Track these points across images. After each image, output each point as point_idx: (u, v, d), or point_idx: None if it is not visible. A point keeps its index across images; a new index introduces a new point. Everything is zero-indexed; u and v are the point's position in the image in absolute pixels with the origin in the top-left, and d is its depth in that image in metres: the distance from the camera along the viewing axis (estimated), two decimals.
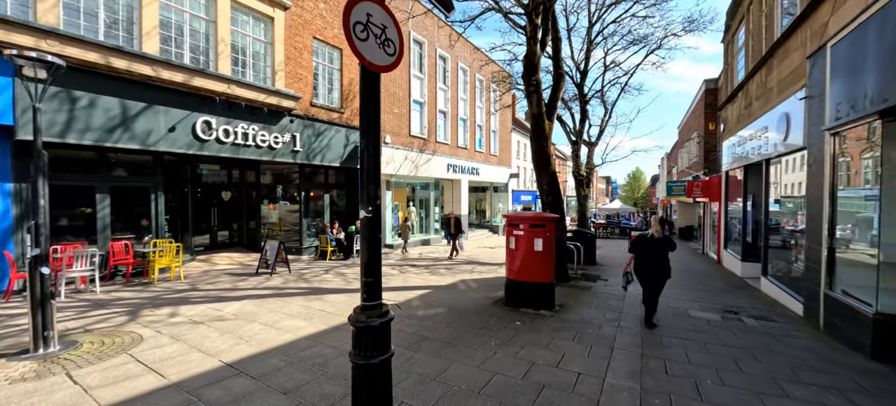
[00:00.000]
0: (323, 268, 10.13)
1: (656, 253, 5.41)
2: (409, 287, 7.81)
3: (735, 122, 10.74)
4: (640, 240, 5.63)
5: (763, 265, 8.29)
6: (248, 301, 6.32)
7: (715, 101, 15.91)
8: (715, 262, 13.04)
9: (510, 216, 6.31)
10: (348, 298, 6.62)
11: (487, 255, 13.95)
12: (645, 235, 5.62)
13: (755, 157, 8.82)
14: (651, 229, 5.60)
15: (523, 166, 31.14)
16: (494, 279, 8.92)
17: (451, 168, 18.88)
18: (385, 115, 14.56)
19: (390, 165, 14.87)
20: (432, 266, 10.93)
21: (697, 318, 5.94)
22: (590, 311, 6.15)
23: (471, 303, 6.50)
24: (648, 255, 5.45)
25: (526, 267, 6.08)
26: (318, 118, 11.89)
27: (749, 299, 7.41)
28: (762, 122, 8.21)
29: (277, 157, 10.76)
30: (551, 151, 8.73)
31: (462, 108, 20.12)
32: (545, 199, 8.61)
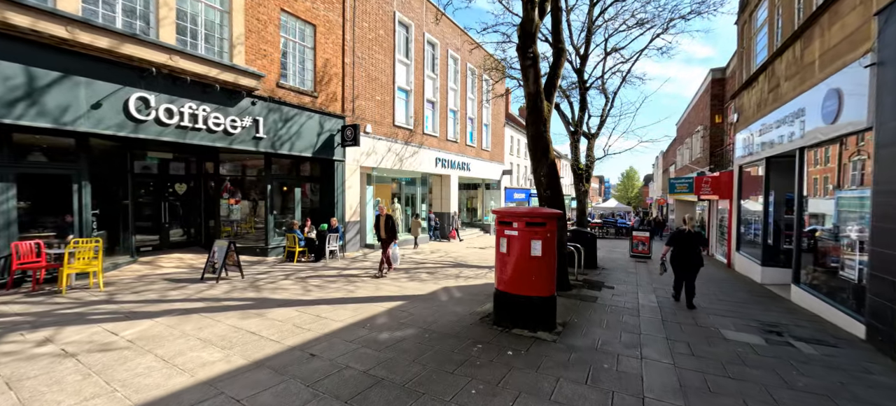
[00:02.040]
0: (286, 272, 8.74)
1: (691, 245, 6.41)
2: (380, 298, 6.47)
3: (754, 110, 9.59)
4: (676, 234, 6.68)
5: (795, 272, 7.12)
6: (165, 319, 4.93)
7: (722, 91, 14.83)
8: (725, 266, 11.92)
9: (501, 212, 5.01)
10: (297, 314, 5.26)
11: (477, 256, 12.66)
12: (682, 230, 6.65)
13: (783, 146, 7.65)
14: (686, 226, 6.69)
15: (517, 163, 29.94)
16: (483, 287, 7.62)
17: (440, 163, 17.56)
18: (366, 102, 13.18)
19: (371, 158, 13.49)
20: (413, 270, 9.60)
21: (736, 341, 4.70)
22: (600, 331, 4.88)
23: (451, 321, 5.18)
24: (684, 247, 6.43)
25: (520, 276, 4.79)
26: (287, 102, 10.47)
27: (785, 313, 6.22)
28: (796, 104, 7.03)
29: (236, 144, 9.32)
30: (550, 138, 7.47)
31: (452, 98, 18.80)
32: (542, 194, 7.34)
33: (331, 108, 11.84)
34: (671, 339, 4.68)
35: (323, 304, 5.85)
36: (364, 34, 13.02)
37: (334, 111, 11.93)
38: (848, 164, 5.77)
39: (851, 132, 5.31)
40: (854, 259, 5.48)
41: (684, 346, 4.44)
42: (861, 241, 5.25)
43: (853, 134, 5.33)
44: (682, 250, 6.42)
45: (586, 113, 12.83)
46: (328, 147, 11.74)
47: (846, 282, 5.72)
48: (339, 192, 12.25)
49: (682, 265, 6.41)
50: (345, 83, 12.29)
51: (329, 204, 12.28)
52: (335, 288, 7.18)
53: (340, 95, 12.21)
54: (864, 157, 5.34)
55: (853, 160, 5.66)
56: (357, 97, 12.77)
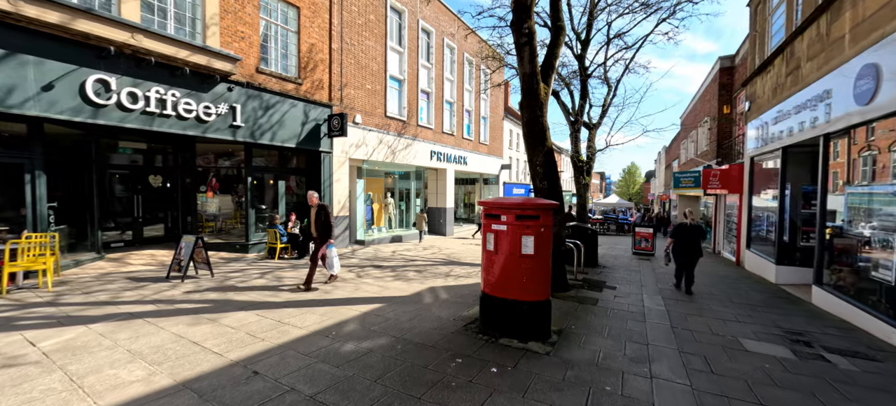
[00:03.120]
0: (262, 270, 8.11)
1: (691, 237, 7.08)
2: (356, 300, 5.83)
3: (769, 96, 8.88)
4: (679, 227, 7.27)
5: (817, 272, 6.45)
6: (102, 325, 4.30)
7: (731, 81, 14.10)
8: (733, 264, 11.26)
9: (488, 204, 4.36)
10: (257, 320, 4.63)
11: (472, 253, 12.02)
12: (683, 224, 7.27)
13: (803, 134, 6.96)
14: (687, 219, 7.40)
15: (517, 157, 29.26)
16: (473, 287, 6.98)
17: (436, 156, 16.89)
18: (355, 91, 12.50)
19: (362, 149, 12.83)
20: (401, 268, 8.96)
21: (759, 354, 4.05)
22: (602, 341, 4.23)
23: (430, 328, 4.54)
24: (685, 239, 7.10)
25: (509, 278, 4.13)
26: (268, 88, 9.80)
27: (808, 318, 5.56)
28: (820, 86, 6.34)
29: (210, 133, 8.67)
30: (547, 124, 6.79)
31: (448, 89, 18.09)
32: (538, 185, 6.68)
33: (317, 96, 11.17)
34: (684, 351, 4.03)
35: (290, 308, 5.22)
36: (353, 19, 12.32)
37: (321, 100, 11.25)
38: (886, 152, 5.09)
39: (892, 113, 4.63)
40: (891, 260, 4.82)
41: (700, 360, 3.79)
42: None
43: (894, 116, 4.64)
44: (683, 242, 7.15)
45: (587, 103, 12.12)
46: (314, 137, 11.08)
47: (879, 284, 5.06)
48: (326, 186, 11.60)
49: (684, 256, 7.14)
50: (332, 70, 11.61)
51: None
52: (311, 288, 6.55)
53: (327, 83, 11.53)
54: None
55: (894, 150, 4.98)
56: (346, 85, 12.09)
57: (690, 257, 7.06)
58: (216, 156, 10.82)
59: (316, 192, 6.76)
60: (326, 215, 6.64)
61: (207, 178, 10.69)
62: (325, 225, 6.65)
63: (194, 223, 10.41)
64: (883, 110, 4.74)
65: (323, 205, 6.76)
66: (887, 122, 4.90)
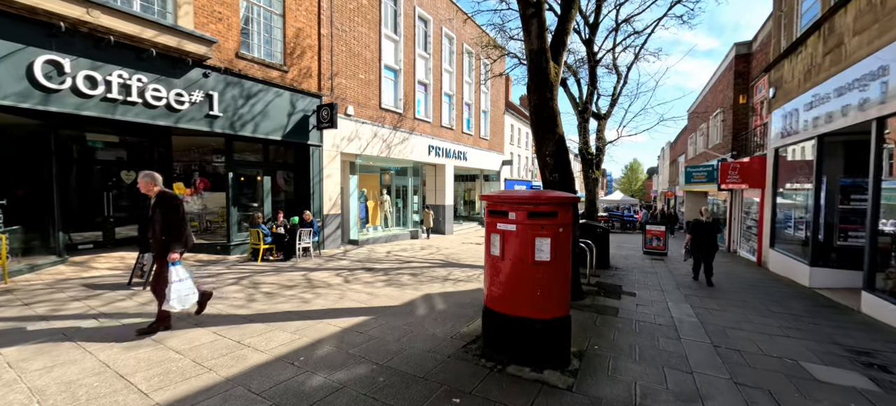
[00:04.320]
0: (240, 275, 7.31)
1: (708, 233, 7.56)
2: (339, 311, 5.02)
3: (800, 80, 8.04)
4: (696, 223, 7.77)
5: (868, 275, 5.63)
6: (21, 348, 3.50)
7: (748, 69, 13.24)
8: (754, 265, 10.45)
9: (493, 198, 3.54)
10: (212, 340, 3.82)
11: (472, 254, 11.22)
12: (699, 221, 7.75)
13: (849, 119, 6.12)
14: (703, 216, 7.83)
15: (518, 153, 28.42)
16: (474, 293, 6.17)
17: (434, 151, 16.07)
18: (347, 81, 11.67)
19: (354, 143, 12.01)
20: (395, 271, 8.15)
21: (833, 385, 3.24)
22: (634, 368, 3.42)
23: (422, 351, 3.73)
24: (702, 234, 7.58)
25: (520, 290, 3.32)
26: (250, 75, 8.97)
27: (868, 332, 4.75)
28: (872, 62, 5.51)
29: (184, 123, 7.85)
30: (558, 108, 5.97)
31: (447, 81, 17.25)
32: (548, 178, 5.86)
33: (304, 85, 10.34)
34: (740, 381, 3.22)
35: (257, 323, 4.41)
36: (344, 3, 11.47)
37: (309, 89, 10.43)
38: None
39: None
40: None
41: (766, 398, 2.98)
42: None
43: None
44: (700, 237, 7.64)
45: (596, 92, 11.28)
46: (302, 129, 10.26)
47: None
48: (315, 182, 10.80)
49: (701, 250, 7.62)
50: (321, 58, 10.77)
51: (305, 195, 10.84)
52: (289, 296, 5.74)
53: (316, 71, 10.69)
54: None
55: None
56: (336, 74, 11.25)
57: (708, 252, 7.56)
58: (196, 149, 9.99)
59: (152, 174, 3.94)
60: (172, 209, 3.88)
61: (187, 173, 9.87)
62: (170, 224, 3.85)
63: None
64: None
65: (166, 193, 3.96)
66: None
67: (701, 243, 7.61)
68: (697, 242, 7.67)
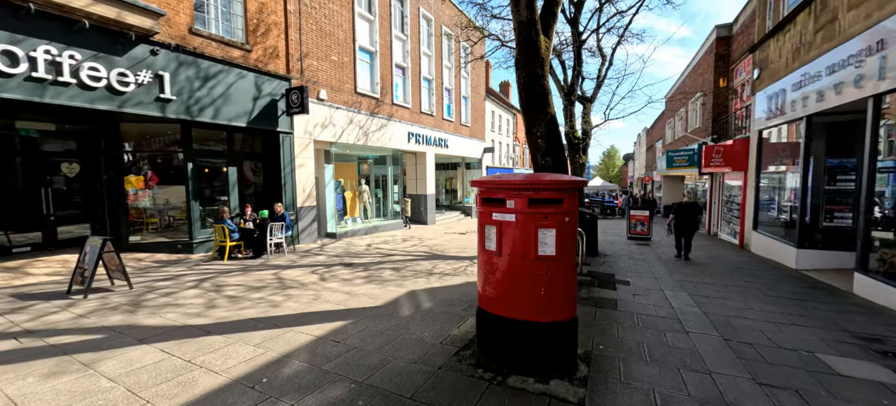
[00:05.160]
0: (203, 276, 6.58)
1: (690, 213, 8.45)
2: (313, 315, 4.46)
3: (788, 59, 7.91)
4: (678, 204, 8.68)
5: (861, 256, 5.54)
6: None
7: (729, 51, 13.23)
8: (736, 247, 10.50)
9: (487, 183, 3.05)
10: (157, 360, 3.20)
11: (456, 244, 10.78)
12: (682, 202, 8.71)
13: (843, 97, 5.97)
14: (685, 198, 9.11)
15: (499, 140, 28.09)
16: (462, 288, 5.73)
17: (414, 138, 15.42)
18: (319, 62, 10.83)
19: (329, 130, 11.24)
20: (376, 265, 7.60)
21: (857, 379, 2.99)
22: (647, 370, 3.06)
23: (408, 361, 3.25)
24: (684, 214, 8.44)
25: (520, 290, 2.87)
26: (207, 54, 8.06)
27: (869, 316, 4.61)
28: (870, 36, 5.32)
29: (130, 107, 6.94)
30: (549, 86, 5.52)
31: (426, 65, 16.54)
32: (540, 162, 5.44)
33: (271, 66, 9.47)
34: (763, 381, 2.91)
35: (216, 335, 3.80)
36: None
37: (276, 71, 9.56)
38: None
39: None
40: None
41: (795, 398, 2.67)
42: None
43: None
44: (682, 217, 8.45)
45: (581, 75, 10.93)
46: (269, 115, 9.43)
47: None
48: (286, 172, 10.02)
49: (683, 229, 8.40)
50: (288, 36, 9.89)
51: (276, 186, 10.05)
52: (256, 299, 5.12)
53: (284, 51, 9.82)
54: None
55: None
56: (306, 55, 10.40)
57: (689, 230, 8.37)
58: (152, 138, 9.00)
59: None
60: None
61: (139, 164, 8.89)
62: None
63: (122, 221, 8.63)
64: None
65: None
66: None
67: (683, 222, 8.41)
68: (680, 222, 8.44)
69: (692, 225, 8.40)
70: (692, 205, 8.65)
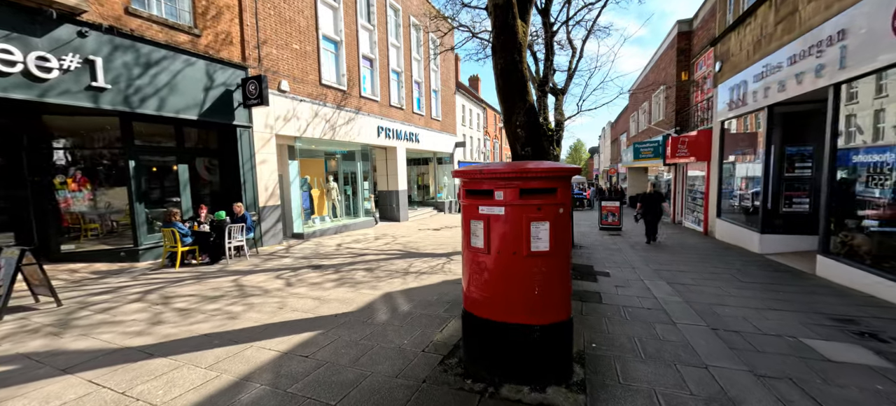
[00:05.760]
0: (148, 286, 5.85)
1: (656, 202, 9.32)
2: (278, 326, 3.99)
3: (749, 52, 8.18)
4: (646, 195, 9.59)
5: (823, 240, 5.77)
6: None
7: (689, 46, 13.70)
8: (701, 234, 10.90)
9: (470, 174, 2.75)
10: (83, 392, 2.66)
11: (432, 241, 10.46)
12: (647, 192, 9.68)
13: (804, 86, 6.18)
14: (651, 189, 9.71)
15: (470, 135, 27.97)
16: (441, 288, 5.42)
17: (384, 132, 14.89)
18: (279, 51, 10.08)
19: (292, 124, 10.52)
20: (348, 266, 7.13)
21: (847, 364, 2.98)
22: (644, 369, 2.89)
23: (388, 375, 2.91)
24: (650, 204, 9.33)
25: (512, 291, 2.60)
26: (148, 38, 7.19)
27: (837, 297, 4.76)
28: (831, 27, 5.50)
29: (53, 97, 6.03)
30: (527, 73, 5.30)
31: (394, 57, 15.99)
32: (520, 152, 5.21)
33: (224, 53, 8.65)
34: (760, 372, 2.82)
35: (159, 358, 3.27)
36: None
37: (230, 59, 8.76)
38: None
39: None
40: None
41: (794, 389, 2.58)
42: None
43: None
44: (649, 206, 9.35)
45: (553, 66, 10.86)
46: (224, 108, 8.63)
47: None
48: (246, 169, 9.25)
49: (650, 216, 9.31)
50: (243, 21, 9.09)
51: (234, 185, 9.26)
52: (211, 311, 4.55)
53: (238, 38, 9.02)
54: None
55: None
56: (264, 42, 9.63)
57: (655, 217, 9.29)
58: (84, 133, 7.97)
59: None
60: None
61: (74, 163, 7.86)
62: None
63: (54, 226, 7.60)
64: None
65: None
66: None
67: (650, 210, 9.34)
68: (647, 209, 9.38)
69: (658, 212, 9.31)
70: (657, 194, 9.50)
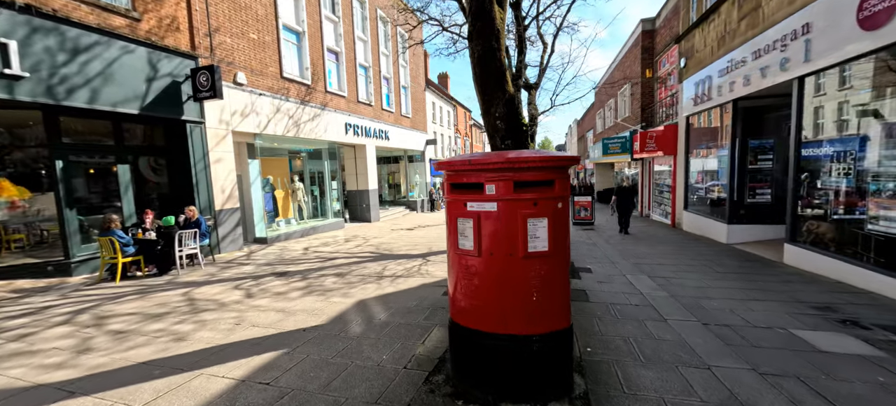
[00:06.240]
0: (80, 304, 5.05)
1: (628, 195, 10.39)
2: (233, 346, 3.47)
3: (713, 48, 8.41)
4: (620, 189, 10.68)
5: (790, 229, 5.95)
6: None
7: (652, 44, 14.10)
8: (668, 226, 11.21)
9: (456, 164, 2.42)
10: None
11: (406, 241, 10.04)
12: (622, 186, 10.88)
13: (768, 80, 6.36)
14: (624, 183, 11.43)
15: (441, 132, 27.66)
16: (420, 291, 5.06)
17: (352, 129, 14.24)
18: (234, 39, 9.26)
19: (251, 119, 9.73)
20: (316, 272, 6.58)
21: (838, 355, 2.93)
22: (647, 374, 2.69)
23: (366, 403, 2.52)
24: (623, 197, 10.33)
25: (508, 297, 2.29)
26: (75, 20, 6.28)
27: (809, 284, 4.86)
28: (794, 22, 5.65)
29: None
30: (506, 61, 5.05)
31: (361, 50, 15.36)
32: (499, 146, 4.95)
33: (170, 40, 7.79)
34: (762, 370, 2.71)
35: (82, 397, 2.69)
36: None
37: (177, 47, 7.91)
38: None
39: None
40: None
41: (801, 387, 2.47)
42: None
43: None
44: (621, 199, 10.28)
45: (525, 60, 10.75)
46: (171, 101, 7.77)
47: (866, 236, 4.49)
48: (198, 169, 8.41)
49: (622, 209, 10.20)
50: (192, 6, 8.24)
51: (185, 186, 8.40)
52: (153, 332, 3.93)
53: (186, 24, 8.16)
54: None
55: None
56: (217, 30, 8.80)
57: (627, 209, 10.20)
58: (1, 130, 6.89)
59: None
60: None
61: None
62: None
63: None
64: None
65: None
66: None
67: (622, 203, 10.22)
68: (620, 202, 10.28)
69: (630, 205, 10.31)
70: (630, 188, 10.70)
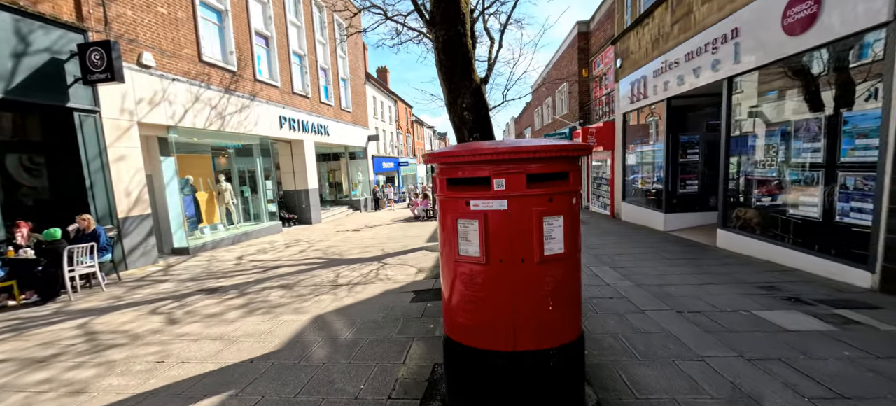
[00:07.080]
0: None
1: None
2: (157, 394, 2.71)
3: (648, 49, 9.01)
4: None
5: (722, 216, 6.54)
6: None
7: (588, 45, 14.93)
8: (608, 217, 11.96)
9: (454, 155, 2.05)
10: None
11: (356, 243, 9.34)
12: None
13: (701, 80, 6.92)
14: None
15: (383, 128, 26.74)
16: (383, 298, 4.57)
17: (288, 123, 12.97)
18: (137, 13, 7.75)
19: (163, 109, 8.26)
20: (257, 285, 5.70)
21: (797, 332, 3.13)
22: (649, 374, 2.59)
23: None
24: None
25: (519, 309, 1.99)
26: None
27: (746, 265, 5.33)
28: (724, 27, 6.18)
29: None
30: (472, 48, 4.76)
31: (295, 36, 14.05)
32: (467, 138, 4.67)
33: (46, 7, 6.22)
34: (749, 356, 2.77)
35: None
36: None
37: (57, 16, 6.34)
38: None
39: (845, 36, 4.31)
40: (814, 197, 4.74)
41: (791, 371, 2.53)
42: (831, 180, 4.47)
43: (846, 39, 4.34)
44: None
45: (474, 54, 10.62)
46: (51, 83, 6.21)
47: (786, 220, 5.08)
48: (93, 168, 6.89)
49: None
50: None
51: (76, 190, 6.81)
52: (33, 386, 2.95)
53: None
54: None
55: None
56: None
57: None
58: None
59: None
60: None
61: None
62: None
63: None
64: (833, 35, 4.42)
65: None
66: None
67: None
68: None
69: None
70: None
